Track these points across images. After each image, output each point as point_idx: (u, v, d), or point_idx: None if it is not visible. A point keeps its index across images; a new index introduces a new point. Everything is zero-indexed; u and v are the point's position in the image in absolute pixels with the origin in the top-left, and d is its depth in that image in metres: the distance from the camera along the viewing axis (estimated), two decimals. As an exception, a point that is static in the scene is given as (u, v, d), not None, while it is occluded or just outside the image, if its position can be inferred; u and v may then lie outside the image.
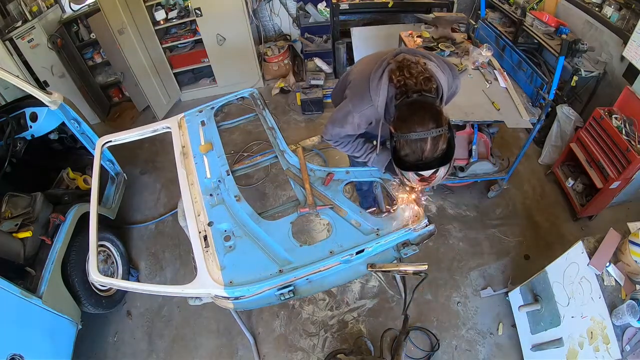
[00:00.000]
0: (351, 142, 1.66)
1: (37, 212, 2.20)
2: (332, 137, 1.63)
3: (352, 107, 1.46)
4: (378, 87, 1.36)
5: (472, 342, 2.25)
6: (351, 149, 1.68)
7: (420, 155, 1.22)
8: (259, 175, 3.32)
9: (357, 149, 1.68)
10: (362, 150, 1.68)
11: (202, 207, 1.62)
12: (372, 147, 1.70)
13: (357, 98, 1.45)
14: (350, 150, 1.69)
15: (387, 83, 1.35)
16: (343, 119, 1.51)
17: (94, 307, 2.28)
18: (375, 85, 1.37)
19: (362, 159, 1.71)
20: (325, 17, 4.13)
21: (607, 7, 2.84)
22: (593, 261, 1.58)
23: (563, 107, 2.89)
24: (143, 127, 2.03)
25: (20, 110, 2.52)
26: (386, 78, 1.35)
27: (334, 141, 1.66)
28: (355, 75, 1.55)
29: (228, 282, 1.38)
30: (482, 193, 3.02)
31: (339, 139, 1.64)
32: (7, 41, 3.23)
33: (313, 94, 3.87)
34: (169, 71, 4.15)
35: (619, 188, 2.43)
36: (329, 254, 1.44)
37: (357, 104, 1.45)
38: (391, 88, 1.35)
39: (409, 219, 1.54)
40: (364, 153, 1.69)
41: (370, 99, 1.40)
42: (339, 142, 1.66)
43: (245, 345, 2.34)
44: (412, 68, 1.30)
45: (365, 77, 1.42)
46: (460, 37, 3.14)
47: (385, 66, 1.37)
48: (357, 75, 1.54)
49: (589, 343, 1.55)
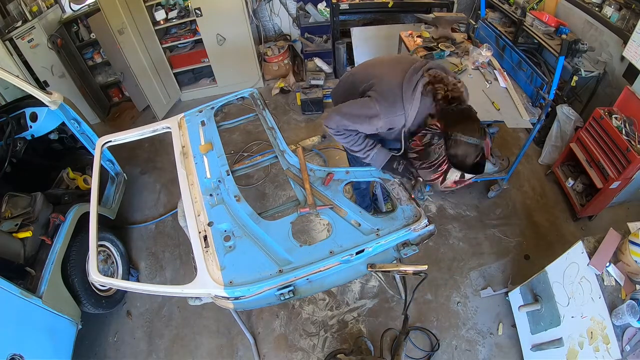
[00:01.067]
0: (353, 136, 1.65)
1: (37, 212, 2.20)
2: (337, 127, 1.62)
3: (380, 110, 1.49)
4: (412, 98, 1.45)
5: (472, 342, 2.25)
6: (351, 142, 1.66)
7: (465, 158, 1.38)
8: (259, 175, 3.32)
9: (357, 143, 1.66)
10: (362, 145, 1.67)
11: (202, 207, 1.62)
12: (372, 143, 1.69)
13: (387, 104, 1.49)
14: (350, 143, 1.67)
15: (420, 95, 1.45)
16: (365, 119, 1.53)
17: (94, 307, 2.28)
18: (409, 95, 1.45)
19: (361, 154, 1.69)
20: (325, 17, 4.13)
21: (607, 7, 2.84)
22: (593, 261, 1.58)
23: (563, 107, 2.89)
24: (143, 127, 2.03)
25: (20, 110, 2.52)
26: (420, 90, 1.44)
27: (336, 131, 1.64)
28: (379, 80, 1.56)
29: (228, 282, 1.38)
30: (482, 193, 3.02)
31: (344, 131, 1.63)
32: (7, 41, 3.23)
33: (313, 94, 3.86)
34: (169, 71, 4.15)
35: (619, 188, 2.43)
36: (329, 254, 1.44)
37: (388, 110, 1.49)
38: (423, 100, 1.45)
39: (409, 219, 1.54)
40: (364, 148, 1.67)
41: (402, 107, 1.47)
42: (340, 133, 1.64)
43: (245, 345, 2.34)
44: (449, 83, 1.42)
45: (396, 85, 1.48)
46: (460, 37, 3.14)
47: (419, 78, 1.45)
48: (381, 80, 1.56)
49: (589, 343, 1.55)
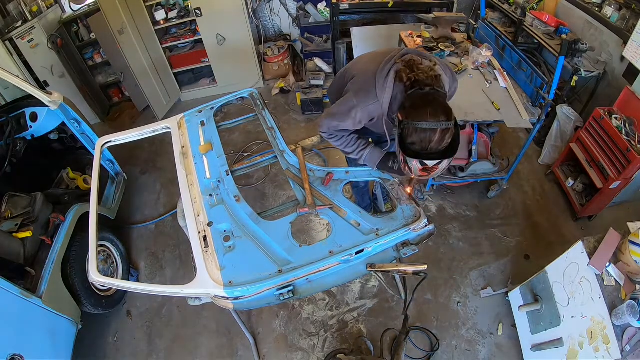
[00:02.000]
0: (345, 137, 1.65)
1: (37, 212, 2.20)
2: (328, 130, 1.63)
3: (356, 101, 1.48)
4: (385, 85, 1.41)
5: (472, 342, 2.25)
6: (344, 143, 1.67)
7: (427, 144, 1.26)
8: (259, 175, 3.32)
9: (350, 144, 1.67)
10: (354, 146, 1.67)
11: (201, 207, 1.62)
12: (365, 143, 1.68)
13: (362, 93, 1.48)
14: (343, 144, 1.67)
15: (393, 81, 1.40)
16: (346, 112, 1.52)
17: (94, 307, 2.28)
18: (382, 82, 1.41)
19: (354, 155, 1.69)
20: (325, 17, 4.13)
21: (607, 7, 2.84)
22: (593, 261, 1.58)
23: (563, 107, 2.88)
24: (143, 127, 2.03)
25: (20, 110, 2.52)
26: (392, 76, 1.40)
27: (328, 134, 1.65)
28: (358, 72, 1.57)
29: (227, 283, 1.38)
30: (482, 193, 3.02)
31: (335, 132, 1.63)
32: (7, 41, 3.24)
33: (313, 94, 3.87)
34: (169, 71, 4.15)
35: (619, 188, 2.43)
36: (329, 254, 1.43)
37: (362, 99, 1.47)
38: (397, 86, 1.40)
39: (409, 219, 1.54)
40: (357, 149, 1.68)
41: (376, 95, 1.43)
42: (333, 136, 1.65)
43: (245, 345, 2.34)
44: (421, 67, 1.36)
45: (371, 74, 1.45)
46: (460, 37, 3.14)
47: (392, 65, 1.41)
48: (360, 71, 1.56)
49: (589, 343, 1.55)
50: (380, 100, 1.43)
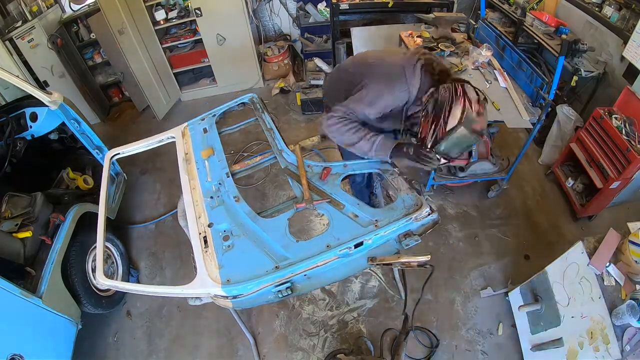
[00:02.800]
0: (355, 127, 1.59)
1: (37, 212, 2.20)
2: (344, 114, 1.58)
3: (385, 88, 1.57)
4: (414, 73, 1.53)
5: (472, 342, 2.25)
6: (353, 128, 1.59)
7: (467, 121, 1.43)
8: (259, 175, 3.32)
9: (360, 130, 1.60)
10: (363, 132, 1.60)
11: (203, 210, 1.62)
12: (374, 133, 1.62)
13: (390, 81, 1.56)
14: (352, 129, 1.59)
15: (420, 72, 1.54)
16: (375, 98, 1.57)
17: (94, 307, 2.28)
18: (411, 71, 1.54)
19: (364, 141, 1.60)
20: (325, 17, 4.14)
21: (607, 7, 2.84)
22: (593, 261, 1.58)
23: (563, 107, 2.88)
24: (149, 138, 2.05)
25: (20, 110, 2.52)
26: (419, 67, 1.54)
27: (338, 118, 1.58)
28: (377, 64, 1.65)
29: (225, 281, 1.38)
30: (482, 193, 3.02)
31: (348, 117, 1.58)
32: (7, 41, 3.24)
33: (313, 94, 3.87)
34: (169, 71, 4.15)
35: (619, 188, 2.43)
36: (326, 248, 1.41)
37: (391, 86, 1.56)
38: (425, 76, 1.54)
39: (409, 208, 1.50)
40: (366, 136, 1.59)
41: (406, 82, 1.54)
42: (344, 120, 1.58)
43: (245, 345, 2.34)
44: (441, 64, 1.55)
45: (398, 64, 1.57)
46: (460, 37, 3.14)
47: (417, 59, 1.56)
48: (381, 64, 1.64)
49: (589, 343, 1.55)
50: (410, 88, 1.54)
